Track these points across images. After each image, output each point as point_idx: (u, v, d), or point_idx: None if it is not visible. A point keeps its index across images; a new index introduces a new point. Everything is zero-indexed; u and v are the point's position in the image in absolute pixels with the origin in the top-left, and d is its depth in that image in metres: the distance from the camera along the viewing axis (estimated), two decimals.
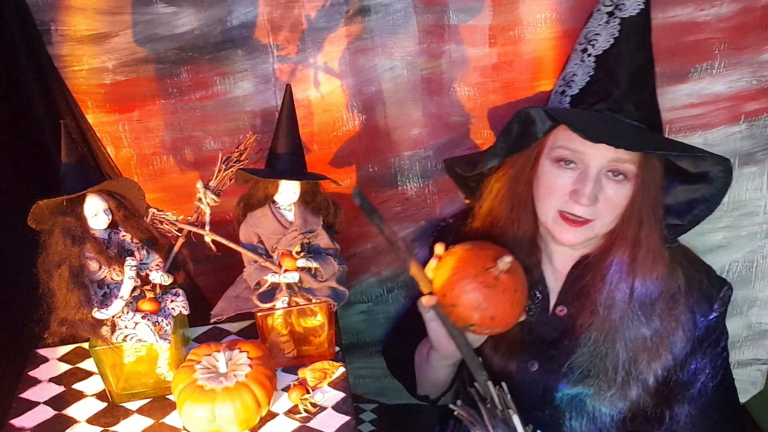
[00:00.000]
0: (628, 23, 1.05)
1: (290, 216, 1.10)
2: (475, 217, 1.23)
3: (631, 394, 1.13)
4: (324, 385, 1.10)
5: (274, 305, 1.08)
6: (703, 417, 1.18)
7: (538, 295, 1.21)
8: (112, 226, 1.01)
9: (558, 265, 1.21)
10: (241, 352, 1.04)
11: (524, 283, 1.11)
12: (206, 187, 1.03)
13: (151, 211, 1.03)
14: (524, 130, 1.09)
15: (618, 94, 1.04)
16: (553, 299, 1.22)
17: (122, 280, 0.99)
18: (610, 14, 1.07)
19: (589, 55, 1.08)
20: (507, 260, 1.06)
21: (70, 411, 1.07)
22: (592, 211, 1.06)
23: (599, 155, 1.03)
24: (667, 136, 1.43)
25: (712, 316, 1.16)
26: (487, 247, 1.12)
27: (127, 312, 1.00)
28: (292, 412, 1.05)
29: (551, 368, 1.17)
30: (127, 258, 1.00)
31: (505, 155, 1.14)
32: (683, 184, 1.10)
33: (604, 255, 1.13)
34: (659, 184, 1.07)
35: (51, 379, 1.13)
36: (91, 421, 1.05)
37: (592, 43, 1.08)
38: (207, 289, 1.42)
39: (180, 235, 1.05)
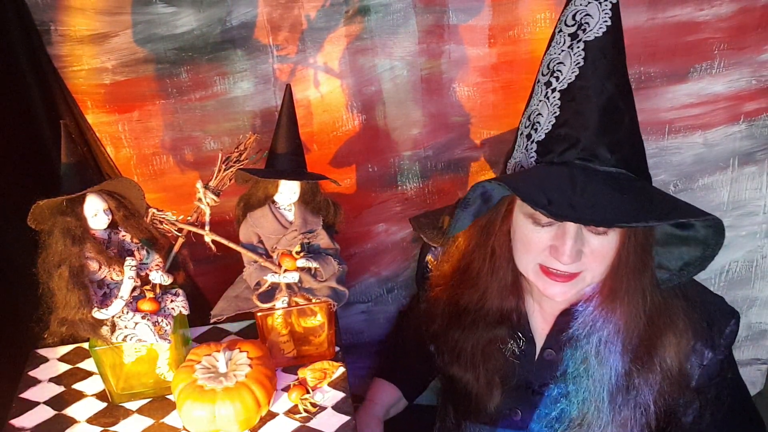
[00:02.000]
0: (593, 47, 0.91)
1: (290, 216, 1.10)
2: (447, 259, 1.15)
3: None
4: (324, 385, 1.10)
5: (274, 305, 1.08)
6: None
7: (522, 338, 1.12)
8: (112, 226, 1.01)
9: (547, 308, 1.12)
10: (241, 352, 1.04)
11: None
12: (206, 187, 1.03)
13: (151, 211, 1.03)
14: (485, 198, 1.03)
15: (588, 139, 0.90)
16: (539, 343, 1.13)
17: (122, 280, 0.99)
18: (573, 36, 0.92)
19: (554, 90, 0.94)
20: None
21: (70, 411, 1.07)
22: (578, 265, 0.96)
23: None
24: (666, 136, 1.43)
25: (712, 359, 1.07)
26: None
27: (127, 312, 1.00)
28: (292, 412, 1.05)
29: (536, 416, 1.12)
30: (127, 258, 1.00)
31: (471, 221, 1.07)
32: (674, 228, 0.99)
33: (594, 302, 1.04)
34: (647, 231, 0.98)
35: (51, 379, 1.13)
36: (91, 421, 1.05)
37: (555, 75, 0.94)
38: (207, 289, 1.42)
39: (180, 235, 1.05)
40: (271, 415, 1.04)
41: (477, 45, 1.33)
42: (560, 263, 0.96)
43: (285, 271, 1.06)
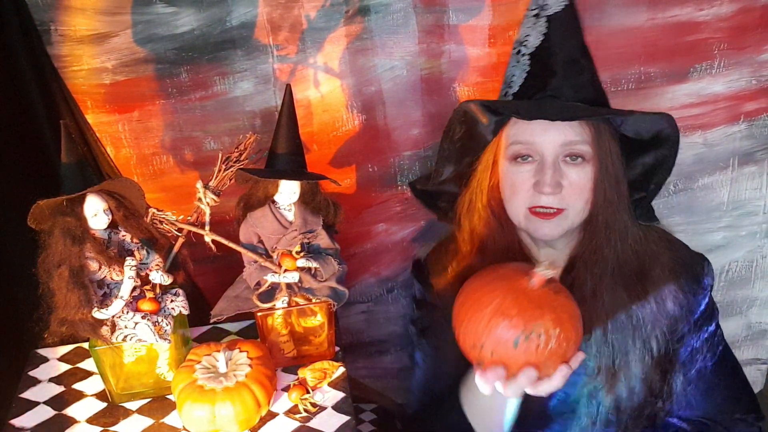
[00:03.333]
0: (554, 19, 1.06)
1: (290, 216, 1.10)
2: (459, 241, 1.17)
3: (630, 383, 1.11)
4: (324, 385, 1.10)
5: (274, 305, 1.08)
6: (706, 400, 1.17)
7: None
8: (112, 226, 1.01)
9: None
10: (241, 352, 1.04)
11: (570, 330, 0.92)
12: (206, 187, 1.03)
13: (151, 211, 1.03)
14: (469, 129, 1.09)
15: (555, 83, 1.05)
16: None
17: (122, 280, 0.99)
18: (537, 15, 1.08)
19: (523, 54, 1.09)
20: (546, 265, 0.91)
21: (70, 411, 1.07)
22: (560, 199, 1.05)
23: (550, 142, 1.03)
24: None
25: (704, 293, 1.15)
26: (505, 269, 0.98)
27: (127, 312, 1.00)
28: (292, 412, 1.05)
29: (572, 381, 1.09)
30: (127, 258, 1.00)
31: (457, 158, 1.13)
32: (639, 157, 1.10)
33: (585, 246, 1.11)
34: (617, 160, 1.07)
35: (51, 379, 1.13)
36: (91, 421, 1.05)
37: (524, 43, 1.09)
38: (207, 289, 1.42)
39: (180, 235, 1.05)
40: (271, 415, 1.04)
41: (477, 45, 1.33)
42: (545, 197, 1.04)
43: (285, 271, 1.06)
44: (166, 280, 1.04)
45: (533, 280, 0.91)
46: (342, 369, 1.13)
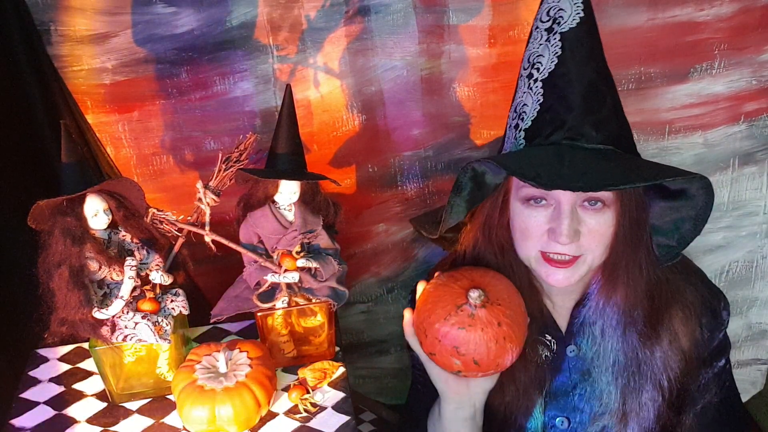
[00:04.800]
0: (569, 37, 0.94)
1: (290, 216, 1.10)
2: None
3: (642, 424, 1.07)
4: (324, 385, 1.10)
5: (274, 305, 1.08)
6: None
7: (552, 339, 1.10)
8: (112, 226, 1.01)
9: (559, 303, 1.11)
10: (241, 352, 1.04)
11: (516, 310, 0.97)
12: (206, 187, 1.03)
13: (151, 211, 1.03)
14: (478, 182, 1.03)
15: (573, 120, 0.93)
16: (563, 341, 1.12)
17: (122, 280, 0.99)
18: (549, 30, 0.96)
19: (535, 80, 0.97)
20: (475, 295, 0.93)
21: (70, 411, 1.07)
22: (577, 247, 0.97)
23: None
24: (667, 136, 1.43)
25: (720, 329, 1.09)
26: (462, 276, 0.99)
27: (127, 312, 1.00)
28: (292, 412, 1.05)
29: (579, 419, 1.10)
30: (127, 258, 1.00)
31: (467, 210, 1.07)
32: (667, 201, 1.01)
33: (596, 285, 1.05)
34: (641, 205, 0.99)
35: (51, 379, 1.13)
36: (91, 421, 1.05)
37: (536, 66, 0.97)
38: (207, 289, 1.42)
39: (180, 235, 1.05)
40: (271, 415, 1.04)
41: (477, 45, 1.33)
42: (559, 245, 0.96)
43: (285, 271, 1.06)
44: (166, 280, 1.05)
45: (467, 305, 0.95)
46: (342, 369, 1.13)
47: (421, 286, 1.04)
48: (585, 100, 0.93)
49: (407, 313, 1.04)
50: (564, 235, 0.94)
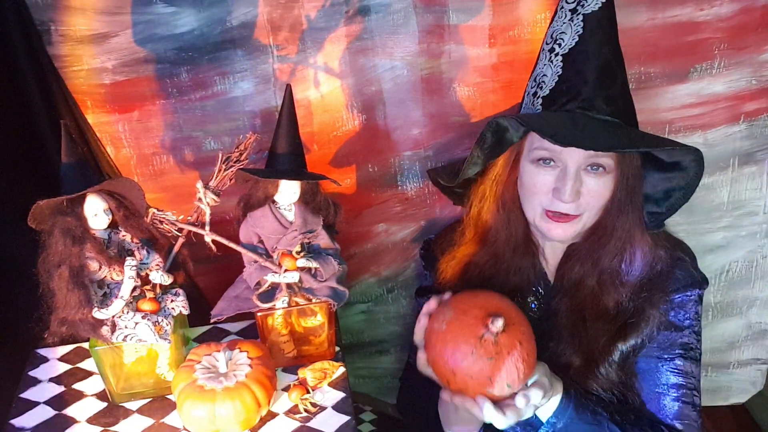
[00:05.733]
0: (591, 19, 1.05)
1: (290, 216, 1.10)
2: (465, 225, 1.24)
3: (599, 371, 1.13)
4: (324, 385, 1.10)
5: (274, 305, 1.08)
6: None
7: (541, 291, 1.22)
8: (112, 226, 1.01)
9: (549, 258, 1.22)
10: (241, 352, 1.04)
11: (525, 323, 1.01)
12: (206, 187, 1.03)
13: (151, 211, 1.03)
14: (499, 137, 1.11)
15: (587, 92, 1.04)
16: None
17: (122, 280, 0.99)
18: (573, 11, 1.06)
19: (556, 54, 1.08)
20: (499, 323, 0.95)
21: (70, 411, 1.07)
22: (577, 206, 1.08)
23: (576, 153, 1.04)
24: (666, 136, 1.43)
25: (691, 306, 1.15)
26: (469, 308, 1.00)
27: (127, 312, 1.00)
28: (292, 412, 1.05)
29: (559, 361, 1.16)
30: (127, 258, 1.00)
31: (484, 162, 1.16)
32: (660, 173, 1.11)
33: (586, 243, 1.15)
34: (637, 174, 1.09)
35: (51, 379, 1.13)
36: (91, 421, 1.05)
37: (558, 42, 1.08)
38: (207, 289, 1.42)
39: (180, 235, 1.05)
40: (271, 415, 1.04)
41: (477, 45, 1.33)
42: (562, 203, 1.06)
43: (285, 271, 1.06)
44: (166, 280, 1.05)
45: (489, 333, 0.96)
46: (342, 369, 1.13)
47: (433, 302, 1.05)
48: (599, 76, 1.05)
49: (421, 355, 1.04)
50: (567, 194, 1.05)
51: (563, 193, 1.05)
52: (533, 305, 1.22)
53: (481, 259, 1.20)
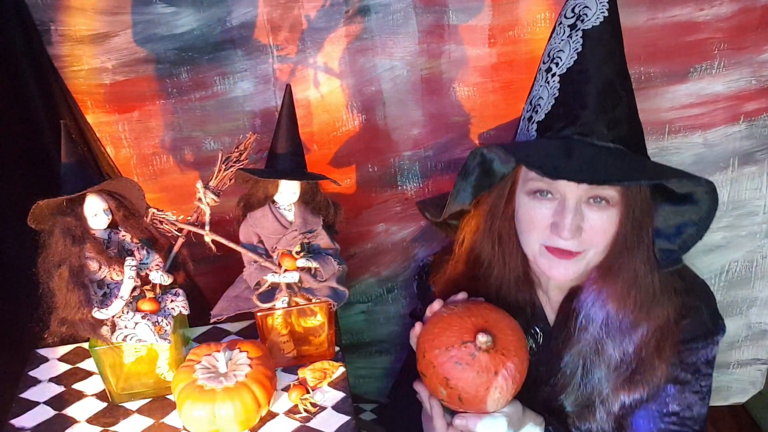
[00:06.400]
0: (591, 35, 0.95)
1: (290, 216, 1.10)
2: (457, 258, 1.14)
3: (595, 417, 1.08)
4: (324, 385, 1.10)
5: (274, 305, 1.08)
6: None
7: (539, 332, 1.13)
8: (112, 226, 1.01)
9: (554, 298, 1.12)
10: (241, 352, 1.04)
11: (518, 366, 0.96)
12: (206, 187, 1.03)
13: (151, 211, 1.03)
14: (486, 168, 1.04)
15: (586, 116, 0.94)
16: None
17: (122, 280, 0.99)
18: (572, 27, 0.96)
19: (553, 75, 0.98)
20: (483, 339, 0.93)
21: (70, 411, 1.07)
22: (579, 243, 0.97)
23: (575, 184, 0.94)
24: (666, 136, 1.43)
25: (703, 353, 1.08)
26: (479, 313, 0.98)
27: (127, 312, 1.00)
28: (292, 412, 1.05)
29: (554, 406, 1.11)
30: (127, 258, 1.00)
31: (473, 195, 1.07)
32: (671, 205, 1.00)
33: (591, 284, 1.05)
34: (645, 207, 0.99)
35: (51, 379, 1.13)
36: (91, 421, 1.05)
37: (555, 61, 0.98)
38: (207, 289, 1.42)
39: (180, 235, 1.05)
40: (271, 415, 1.04)
41: (477, 45, 1.33)
42: (562, 239, 0.96)
43: (285, 271, 1.06)
44: (166, 280, 1.05)
45: (472, 344, 0.94)
46: (342, 369, 1.13)
47: (438, 305, 1.03)
48: (600, 99, 0.94)
49: (417, 326, 1.04)
50: (566, 230, 0.95)
51: (562, 228, 0.95)
52: (531, 347, 1.12)
53: (476, 295, 1.09)
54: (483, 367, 0.93)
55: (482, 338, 0.93)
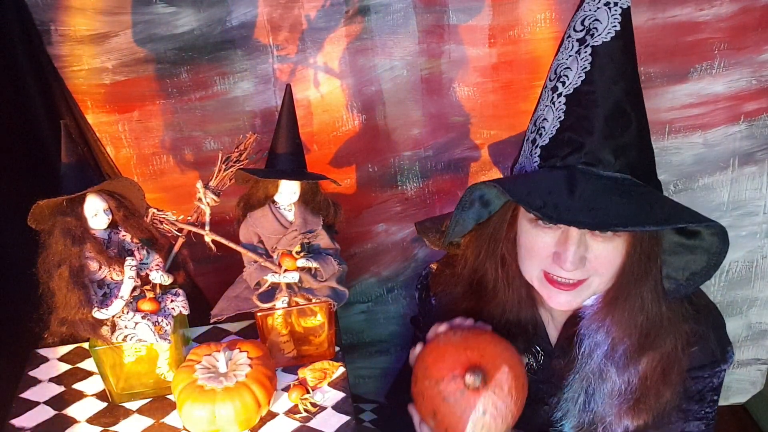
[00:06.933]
0: (601, 52, 0.89)
1: (290, 216, 1.10)
2: (459, 280, 1.11)
3: None
4: (324, 385, 1.10)
5: (274, 305, 1.08)
6: None
7: (540, 350, 1.11)
8: (112, 226, 1.01)
9: (557, 317, 1.10)
10: (241, 352, 1.04)
11: (509, 406, 0.93)
12: (206, 187, 1.03)
13: (151, 211, 1.03)
14: (484, 201, 1.02)
15: (592, 143, 0.88)
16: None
17: (122, 280, 0.99)
18: (581, 41, 0.90)
19: (560, 95, 0.92)
20: (470, 380, 0.90)
21: (70, 411, 1.07)
22: (583, 272, 0.94)
23: None
24: (666, 136, 1.43)
25: (709, 381, 1.06)
26: (476, 345, 0.95)
27: (127, 312, 1.00)
28: (292, 412, 1.05)
29: (551, 426, 1.11)
30: (127, 258, 1.00)
31: (473, 224, 1.05)
32: (681, 237, 0.97)
33: (596, 313, 1.02)
34: (653, 238, 0.95)
35: (51, 379, 1.13)
36: (91, 421, 1.05)
37: (561, 80, 0.92)
38: (207, 289, 1.42)
39: (180, 235, 1.05)
40: (271, 415, 1.04)
41: (477, 45, 1.33)
42: (563, 270, 0.93)
43: (285, 271, 1.06)
44: (166, 280, 1.05)
45: (461, 380, 0.92)
46: (342, 369, 1.13)
47: (442, 328, 1.01)
48: (607, 123, 0.89)
49: (417, 347, 1.01)
50: (569, 262, 0.92)
51: (564, 260, 0.91)
52: (531, 365, 1.11)
53: (481, 316, 1.07)
54: (470, 405, 0.91)
55: (469, 379, 0.91)
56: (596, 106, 0.89)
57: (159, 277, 1.04)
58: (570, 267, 0.92)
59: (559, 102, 0.92)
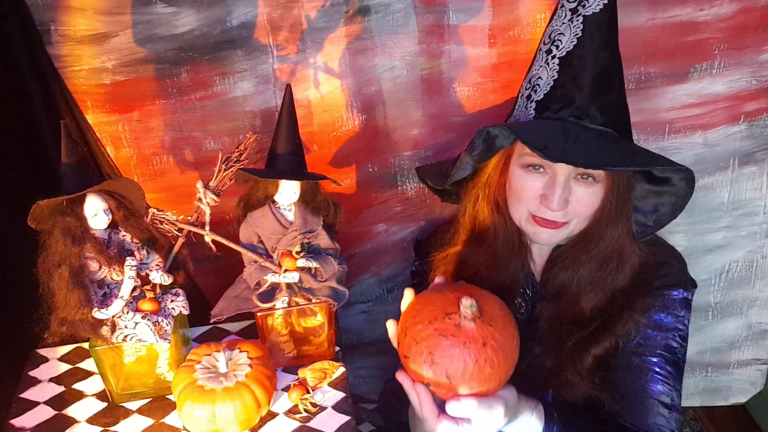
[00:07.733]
0: (591, 21, 1.02)
1: (290, 216, 1.10)
2: (460, 227, 1.22)
3: (574, 378, 1.12)
4: (324, 385, 1.10)
5: (274, 305, 1.08)
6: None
7: (529, 292, 1.21)
8: (112, 226, 1.01)
9: (536, 259, 1.22)
10: (241, 352, 1.04)
11: (507, 340, 0.89)
12: (206, 187, 1.03)
13: (151, 211, 1.03)
14: (489, 144, 1.11)
15: (581, 100, 1.02)
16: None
17: (122, 280, 0.99)
18: (574, 11, 1.04)
19: (553, 57, 1.06)
20: (467, 303, 0.86)
21: (70, 411, 1.07)
22: (564, 214, 1.07)
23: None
24: (666, 136, 1.43)
25: (678, 296, 1.14)
26: (461, 288, 0.94)
27: (127, 312, 1.00)
28: (292, 412, 1.05)
29: (539, 364, 1.16)
30: (127, 258, 1.00)
31: (474, 166, 1.15)
32: (650, 184, 1.11)
33: (572, 249, 1.13)
34: (628, 184, 1.08)
35: (51, 379, 1.13)
36: (91, 421, 1.05)
37: (555, 44, 1.05)
38: (207, 289, 1.42)
39: (180, 235, 1.05)
40: (271, 415, 1.04)
41: (477, 45, 1.33)
42: (549, 210, 1.06)
43: (285, 271, 1.06)
44: (166, 280, 1.05)
45: (457, 314, 0.88)
46: (342, 369, 1.13)
47: (408, 293, 0.99)
48: (595, 84, 1.02)
49: (391, 325, 0.99)
50: (555, 203, 1.04)
51: (551, 201, 1.05)
52: (521, 307, 1.21)
53: (478, 259, 1.19)
54: (470, 337, 0.86)
55: (466, 302, 0.86)
56: (586, 68, 1.03)
57: (159, 277, 1.04)
58: (556, 207, 1.05)
59: (553, 63, 1.06)
